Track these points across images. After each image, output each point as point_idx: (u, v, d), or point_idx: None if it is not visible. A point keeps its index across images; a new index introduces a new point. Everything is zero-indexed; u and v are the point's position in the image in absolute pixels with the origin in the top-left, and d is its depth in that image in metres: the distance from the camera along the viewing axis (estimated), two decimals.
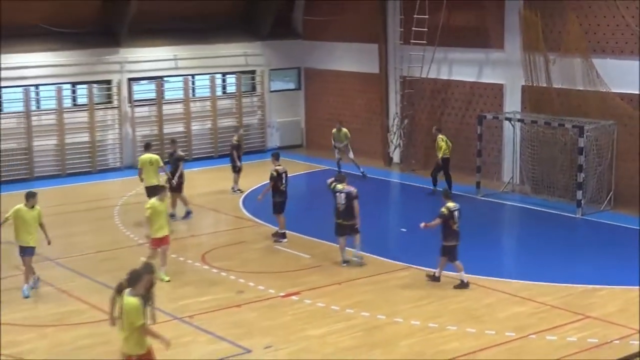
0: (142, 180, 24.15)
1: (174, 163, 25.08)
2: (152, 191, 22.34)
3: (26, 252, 18.86)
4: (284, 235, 22.41)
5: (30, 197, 19.05)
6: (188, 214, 25.08)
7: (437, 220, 18.97)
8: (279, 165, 22.55)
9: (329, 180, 20.97)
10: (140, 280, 12.73)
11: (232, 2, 34.23)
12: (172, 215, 24.45)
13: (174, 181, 24.58)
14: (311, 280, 19.44)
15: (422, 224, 19.13)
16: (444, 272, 19.24)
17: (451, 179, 27.16)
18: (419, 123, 31.65)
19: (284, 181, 22.24)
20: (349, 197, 20.29)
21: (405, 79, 31.63)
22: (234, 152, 27.94)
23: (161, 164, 24.47)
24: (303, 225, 22.34)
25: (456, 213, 19.16)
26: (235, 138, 28.61)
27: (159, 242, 19.48)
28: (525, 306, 17.94)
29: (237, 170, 27.96)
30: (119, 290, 13.08)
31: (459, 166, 29.36)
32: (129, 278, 12.75)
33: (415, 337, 16.36)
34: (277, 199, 22.26)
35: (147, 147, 25.17)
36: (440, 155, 27.42)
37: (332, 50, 34.48)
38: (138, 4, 30.89)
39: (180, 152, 25.68)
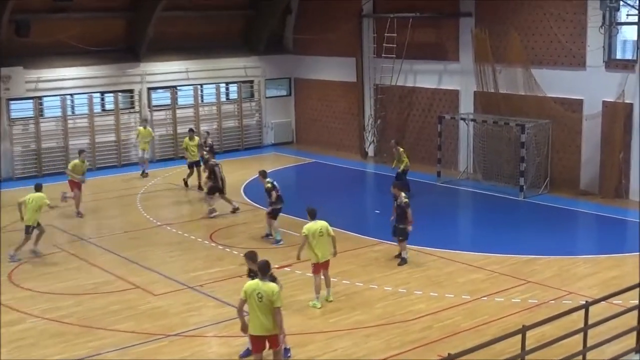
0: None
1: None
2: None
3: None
4: (213, 211, 23.35)
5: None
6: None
7: (410, 211, 18.44)
8: (213, 160, 23.74)
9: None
10: (270, 269, 12.32)
11: (233, 24, 34.10)
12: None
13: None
14: (301, 254, 19.40)
15: (410, 228, 18.48)
16: (409, 247, 19.25)
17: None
18: (389, 123, 31.64)
19: (217, 172, 23.18)
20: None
21: (377, 86, 31.59)
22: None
23: (149, 137, 29.12)
24: (293, 208, 22.32)
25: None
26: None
27: (320, 267, 16.29)
28: (478, 273, 18.01)
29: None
30: (253, 276, 12.87)
31: (422, 158, 29.40)
32: (263, 268, 12.13)
33: (388, 300, 16.41)
34: (213, 184, 23.25)
35: (144, 121, 30.19)
36: (402, 166, 25.14)
37: (317, 63, 34.40)
38: (155, 27, 30.80)
39: (209, 141, 26.70)
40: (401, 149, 25.46)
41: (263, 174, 20.90)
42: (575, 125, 25.33)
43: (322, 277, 16.30)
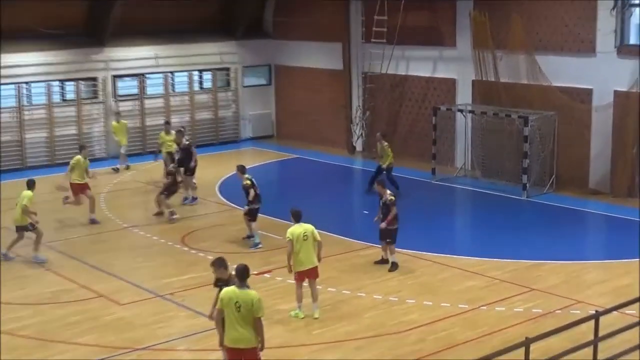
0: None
1: (183, 152, 24.76)
2: None
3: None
4: (173, 213, 23.01)
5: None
6: (194, 199, 24.91)
7: (394, 210, 18.59)
8: (173, 165, 23.68)
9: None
10: (249, 274, 12.18)
11: (208, 5, 33.95)
12: (186, 199, 24.86)
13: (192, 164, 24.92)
14: (282, 259, 19.01)
15: (383, 225, 18.53)
16: (400, 251, 19.24)
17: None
18: (379, 115, 31.62)
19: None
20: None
21: (366, 74, 31.58)
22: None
23: (125, 130, 29.86)
24: (274, 208, 22.25)
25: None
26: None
27: (303, 276, 16.14)
28: (477, 280, 18.01)
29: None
30: (221, 286, 12.59)
31: (416, 153, 29.39)
32: (241, 274, 11.99)
33: (377, 310, 16.38)
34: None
35: (117, 114, 30.42)
36: (387, 163, 25.24)
37: (300, 48, 34.35)
38: (121, 8, 30.62)
39: (185, 141, 25.33)
40: (385, 143, 25.37)
41: (242, 170, 20.83)
42: (584, 117, 25.36)
43: (309, 287, 16.12)
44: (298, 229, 15.86)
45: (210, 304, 13.34)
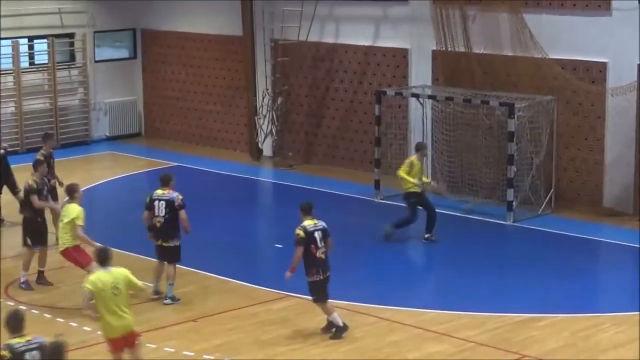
0: None
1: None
2: None
3: None
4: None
5: None
6: None
7: (298, 251, 17.96)
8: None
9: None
10: None
11: None
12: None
13: None
14: (155, 316, 19.18)
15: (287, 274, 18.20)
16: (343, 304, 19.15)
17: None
18: (298, 102, 31.63)
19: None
20: (172, 206, 19.92)
21: (277, 43, 31.64)
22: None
23: None
24: (143, 243, 21.95)
25: (318, 234, 18.09)
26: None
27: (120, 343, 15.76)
28: (442, 344, 17.98)
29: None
30: None
31: (351, 159, 29.48)
32: None
33: None
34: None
35: None
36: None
37: (179, 5, 34.34)
38: None
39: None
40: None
41: (167, 181, 20.18)
42: (596, 104, 25.70)
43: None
44: (105, 276, 15.33)
45: None
